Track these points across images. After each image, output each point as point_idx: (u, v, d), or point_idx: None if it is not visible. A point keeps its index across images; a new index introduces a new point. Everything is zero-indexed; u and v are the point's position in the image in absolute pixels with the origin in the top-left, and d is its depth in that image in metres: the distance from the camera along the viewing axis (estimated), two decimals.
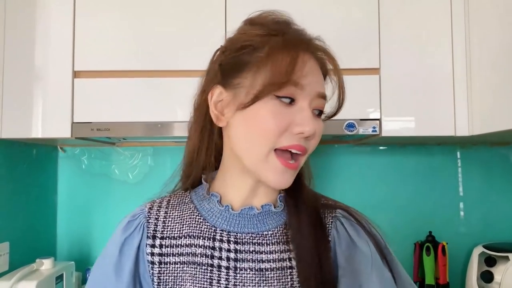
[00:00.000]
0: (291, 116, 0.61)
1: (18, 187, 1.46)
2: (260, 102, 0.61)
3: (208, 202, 0.70)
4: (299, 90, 0.61)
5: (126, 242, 0.69)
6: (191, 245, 0.66)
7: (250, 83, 0.62)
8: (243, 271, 0.64)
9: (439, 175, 1.68)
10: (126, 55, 1.32)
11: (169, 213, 0.71)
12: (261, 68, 0.62)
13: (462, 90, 1.30)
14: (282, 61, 0.60)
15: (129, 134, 1.30)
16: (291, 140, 0.61)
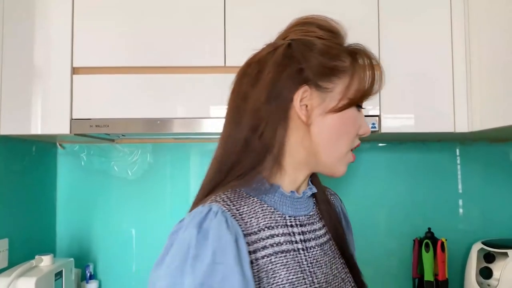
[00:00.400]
0: (359, 121, 0.73)
1: (17, 184, 1.46)
2: (347, 110, 0.70)
3: (270, 193, 0.71)
4: None
5: (238, 239, 0.64)
6: (273, 236, 0.67)
7: (341, 91, 0.70)
8: (311, 249, 0.71)
9: (438, 172, 1.68)
10: (125, 51, 1.31)
11: (240, 210, 0.68)
12: (353, 79, 0.71)
13: (462, 86, 1.30)
14: (368, 75, 0.72)
15: (128, 130, 1.29)
16: (357, 140, 0.74)
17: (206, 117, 1.30)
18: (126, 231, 1.68)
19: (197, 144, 1.70)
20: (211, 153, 1.84)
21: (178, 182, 1.69)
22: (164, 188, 1.69)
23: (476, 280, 1.44)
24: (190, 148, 1.70)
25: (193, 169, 1.70)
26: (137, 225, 1.68)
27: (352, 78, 0.70)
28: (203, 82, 1.30)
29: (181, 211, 1.74)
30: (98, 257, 1.67)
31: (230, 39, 1.31)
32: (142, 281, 1.66)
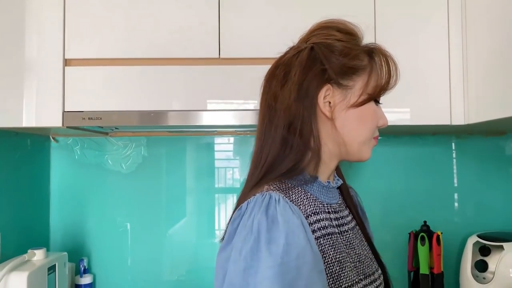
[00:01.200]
0: (378, 114, 0.82)
1: (10, 177, 1.44)
2: (367, 104, 0.79)
3: (309, 183, 0.78)
4: None
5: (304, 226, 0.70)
6: (319, 221, 0.75)
7: (361, 87, 0.78)
8: (345, 233, 0.80)
9: (434, 165, 1.67)
10: (119, 42, 1.29)
11: (291, 198, 0.74)
12: (371, 76, 0.79)
13: (458, 78, 1.29)
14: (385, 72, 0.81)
15: (121, 123, 1.28)
16: (377, 131, 0.83)
17: (201, 110, 1.28)
18: (120, 225, 1.67)
19: (192, 137, 1.68)
20: (206, 146, 1.84)
21: (173, 175, 1.68)
22: (159, 181, 1.68)
23: (472, 273, 1.44)
24: (185, 141, 1.68)
25: (188, 162, 1.69)
26: (132, 219, 1.67)
27: (370, 75, 0.79)
28: (198, 74, 1.29)
29: (176, 205, 1.75)
30: (93, 251, 1.66)
31: (225, 31, 1.29)
32: (137, 275, 1.65)
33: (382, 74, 0.80)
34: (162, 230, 1.67)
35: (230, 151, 1.71)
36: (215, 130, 1.61)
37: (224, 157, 1.71)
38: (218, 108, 1.29)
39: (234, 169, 1.71)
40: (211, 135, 1.69)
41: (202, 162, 1.69)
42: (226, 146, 1.70)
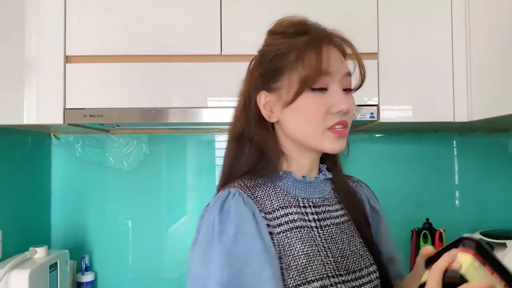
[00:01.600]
0: (328, 101, 0.76)
1: (11, 175, 1.44)
2: (300, 97, 0.76)
3: (284, 180, 0.81)
4: (328, 77, 0.76)
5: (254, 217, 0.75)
6: (287, 214, 0.77)
7: (288, 84, 0.77)
8: (327, 227, 0.80)
9: (436, 162, 1.67)
10: (120, 39, 1.28)
11: (255, 194, 0.78)
12: (294, 69, 0.76)
13: (462, 75, 1.28)
14: (310, 59, 0.75)
15: (122, 120, 1.27)
16: (335, 118, 0.76)
17: (202, 107, 1.28)
18: (122, 222, 1.67)
19: (193, 134, 1.68)
20: (207, 144, 1.83)
21: (174, 173, 1.67)
22: (160, 179, 1.67)
23: None
24: (186, 138, 1.68)
25: (189, 160, 1.68)
26: (133, 217, 1.67)
27: (295, 69, 0.76)
28: (199, 71, 1.28)
29: (178, 202, 1.75)
30: (94, 248, 1.66)
31: (227, 28, 1.28)
32: (138, 272, 1.65)
33: (311, 61, 0.74)
34: (163, 227, 1.67)
35: None
36: (216, 127, 1.61)
37: None
38: (218, 105, 1.28)
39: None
40: (212, 133, 1.68)
41: (203, 159, 1.69)
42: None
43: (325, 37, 0.77)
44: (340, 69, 0.77)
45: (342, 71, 0.77)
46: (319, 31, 0.79)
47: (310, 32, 0.78)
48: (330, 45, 0.78)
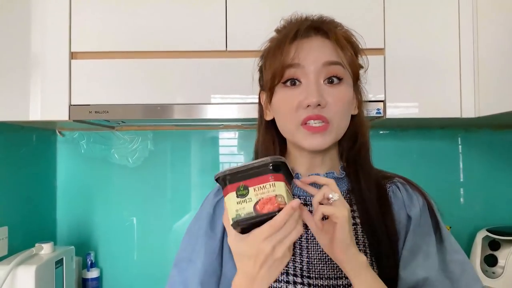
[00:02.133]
0: (300, 95, 0.73)
1: (16, 172, 1.44)
2: (275, 94, 0.77)
3: None
4: (299, 70, 0.74)
5: (218, 204, 0.83)
6: None
7: (265, 81, 0.78)
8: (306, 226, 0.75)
9: (441, 159, 1.66)
10: (125, 35, 1.28)
11: None
12: (266, 66, 0.78)
13: (469, 70, 1.27)
14: (275, 53, 0.75)
15: (127, 116, 1.27)
16: (306, 112, 0.73)
17: (207, 103, 1.27)
18: (127, 219, 1.67)
19: (198, 131, 1.67)
20: (212, 141, 1.83)
21: (179, 169, 1.67)
22: (165, 175, 1.67)
23: (481, 268, 1.43)
24: (191, 135, 1.67)
25: (194, 156, 1.68)
26: (138, 213, 1.67)
27: (265, 67, 0.79)
28: (205, 67, 1.27)
29: (182, 199, 1.74)
30: (99, 245, 1.66)
31: (232, 23, 1.27)
32: (143, 268, 1.65)
33: (275, 57, 0.75)
34: (168, 224, 1.67)
35: (235, 146, 1.70)
36: (221, 124, 1.60)
37: (229, 151, 1.70)
38: (223, 102, 1.27)
39: (238, 164, 1.69)
40: (217, 129, 1.68)
41: (208, 156, 1.68)
42: (231, 141, 1.69)
43: (299, 30, 0.75)
44: (317, 59, 0.73)
45: (320, 60, 0.73)
46: (294, 24, 0.77)
47: (286, 27, 0.79)
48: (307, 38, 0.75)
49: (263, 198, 0.60)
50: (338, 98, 0.74)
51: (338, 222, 0.63)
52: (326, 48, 0.75)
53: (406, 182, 0.84)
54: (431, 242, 0.76)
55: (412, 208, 0.79)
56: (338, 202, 0.64)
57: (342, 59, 0.75)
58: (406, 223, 0.78)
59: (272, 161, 0.61)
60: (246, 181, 0.61)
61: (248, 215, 0.60)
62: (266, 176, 0.61)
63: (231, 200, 0.61)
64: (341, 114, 0.75)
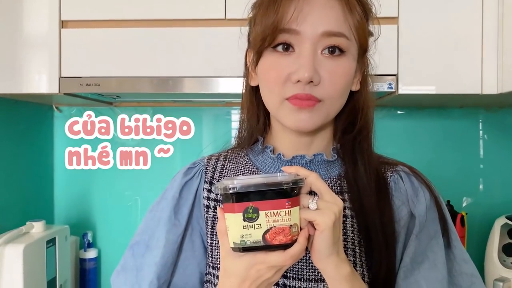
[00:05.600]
0: (291, 65, 0.62)
1: (11, 148, 1.39)
2: (262, 58, 0.65)
3: (262, 154, 0.73)
4: (294, 35, 0.62)
5: (186, 186, 0.75)
6: None
7: (253, 40, 0.66)
8: None
9: (460, 141, 1.55)
10: (119, 2, 1.20)
11: (225, 165, 0.75)
12: (256, 21, 0.65)
13: (492, 41, 1.14)
14: (268, 8, 0.62)
15: (120, 90, 1.20)
16: (294, 89, 0.62)
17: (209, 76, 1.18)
18: (129, 199, 1.62)
19: (199, 108, 1.60)
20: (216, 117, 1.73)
21: (187, 148, 1.59)
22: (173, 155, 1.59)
23: (498, 257, 1.34)
24: (192, 111, 1.59)
25: (204, 133, 1.60)
26: (142, 193, 1.61)
27: (255, 23, 0.66)
28: (203, 37, 1.18)
29: None
30: (99, 225, 1.61)
31: None
32: None
33: (268, 14, 0.62)
34: None
35: None
36: (222, 100, 1.52)
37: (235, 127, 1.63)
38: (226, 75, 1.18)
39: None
40: (225, 107, 1.59)
41: (211, 133, 1.61)
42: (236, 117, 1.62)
43: None
44: (317, 25, 0.61)
45: (319, 28, 0.61)
46: None
47: None
48: None
49: (276, 227, 0.50)
50: (337, 74, 0.63)
51: (319, 230, 0.52)
52: (330, 11, 0.62)
53: (411, 171, 0.71)
54: (438, 248, 0.66)
55: (417, 205, 0.67)
56: (325, 205, 0.53)
57: (349, 27, 0.63)
58: (408, 222, 0.67)
59: (292, 183, 0.51)
60: (256, 203, 0.50)
61: (255, 243, 0.51)
62: (282, 201, 0.51)
63: (236, 222, 0.51)
64: (338, 93, 0.64)
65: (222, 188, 0.51)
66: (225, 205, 0.52)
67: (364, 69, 0.71)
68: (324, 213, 0.52)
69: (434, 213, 0.67)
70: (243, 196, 0.50)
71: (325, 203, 0.53)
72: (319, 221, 0.52)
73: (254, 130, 0.75)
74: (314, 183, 0.54)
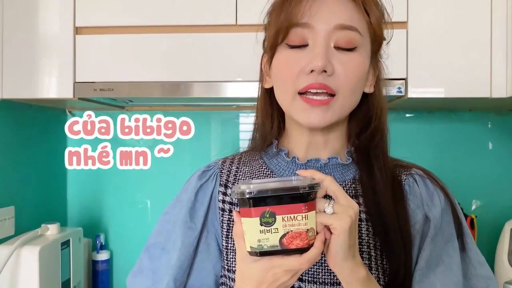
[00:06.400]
0: (305, 58, 0.63)
1: (26, 151, 1.42)
2: (276, 54, 0.66)
3: (277, 157, 0.74)
4: (306, 29, 0.63)
5: (201, 189, 0.75)
6: None
7: (267, 39, 0.69)
8: None
9: (469, 144, 1.55)
10: (132, 9, 1.22)
11: (240, 168, 0.75)
12: (270, 23, 0.68)
13: (501, 45, 1.15)
14: (282, 5, 0.64)
15: (133, 94, 1.22)
16: (307, 80, 0.63)
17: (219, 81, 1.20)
18: (140, 201, 1.64)
19: (210, 112, 1.61)
20: (226, 122, 1.75)
21: (197, 151, 1.61)
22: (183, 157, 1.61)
23: (508, 261, 1.34)
24: (210, 116, 1.61)
25: (213, 137, 1.62)
26: (152, 196, 1.63)
27: (270, 23, 0.69)
28: (215, 44, 1.20)
29: None
30: (110, 227, 1.64)
31: None
32: None
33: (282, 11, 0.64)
34: None
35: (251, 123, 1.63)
36: (233, 104, 1.54)
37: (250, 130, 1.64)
38: (237, 79, 1.20)
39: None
40: (230, 110, 1.61)
41: (222, 137, 1.63)
42: (248, 119, 1.63)
43: None
44: (330, 18, 0.62)
45: (332, 22, 0.62)
46: None
47: None
48: None
49: (292, 231, 0.51)
50: (350, 66, 0.63)
51: (335, 234, 0.53)
52: (343, 7, 0.63)
53: (425, 174, 0.71)
54: (453, 251, 0.66)
55: (432, 208, 0.67)
56: (341, 209, 0.53)
57: (363, 23, 0.64)
58: (423, 225, 0.67)
59: (309, 187, 0.51)
60: (273, 207, 0.51)
61: (272, 247, 0.51)
62: (299, 206, 0.51)
63: (253, 226, 0.51)
64: (351, 87, 0.64)
65: (239, 192, 0.51)
66: (241, 210, 0.53)
67: (378, 72, 0.72)
68: (341, 217, 0.52)
69: (449, 216, 0.68)
70: (260, 200, 0.51)
71: (341, 207, 0.53)
72: (335, 225, 0.52)
73: (268, 132, 0.75)
74: (329, 186, 0.55)
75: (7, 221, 1.28)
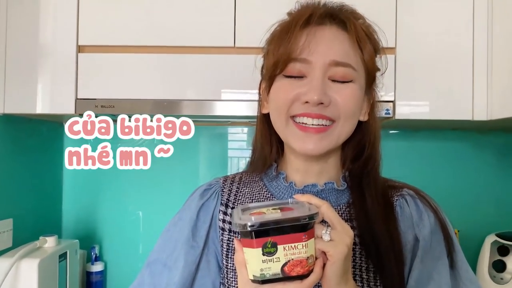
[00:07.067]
0: (301, 88, 0.66)
1: (23, 164, 1.44)
2: (274, 83, 0.69)
3: (276, 180, 0.75)
4: (305, 64, 0.66)
5: (203, 208, 0.76)
6: None
7: (266, 68, 0.71)
8: None
9: (452, 161, 1.62)
10: (133, 29, 1.27)
11: (240, 189, 0.77)
12: (269, 53, 0.70)
13: (482, 72, 1.23)
14: (281, 38, 0.67)
15: (134, 111, 1.26)
16: (302, 109, 0.66)
17: (215, 100, 1.26)
18: (133, 213, 1.67)
19: (206, 127, 1.66)
20: (220, 136, 1.81)
21: (186, 165, 1.66)
22: (173, 170, 1.65)
23: (489, 273, 1.40)
24: (199, 131, 1.66)
25: (201, 152, 1.67)
26: (144, 208, 1.67)
27: (268, 54, 0.71)
28: (213, 63, 1.26)
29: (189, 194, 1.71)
30: (104, 238, 1.66)
31: (240, 19, 1.25)
32: None
33: (280, 45, 0.66)
34: None
35: (243, 140, 1.69)
36: (229, 120, 1.59)
37: (237, 146, 1.69)
38: (232, 98, 1.26)
39: (247, 159, 1.69)
40: (225, 126, 1.66)
41: (215, 152, 1.67)
42: (240, 135, 1.69)
43: (313, 14, 0.66)
44: (326, 53, 0.65)
45: (328, 58, 0.65)
46: (309, 8, 0.68)
47: (300, 10, 0.70)
48: (321, 26, 0.66)
49: (293, 259, 0.52)
50: (346, 94, 0.66)
51: (331, 261, 0.54)
52: (339, 42, 0.66)
53: (416, 194, 0.74)
54: (443, 269, 0.67)
55: (422, 229, 0.69)
56: (338, 237, 0.55)
57: (357, 58, 0.66)
58: (413, 245, 0.69)
59: (309, 217, 0.53)
60: (275, 238, 0.52)
61: (274, 276, 0.53)
62: (299, 235, 0.52)
63: (255, 257, 0.53)
64: (349, 113, 0.66)
65: (241, 225, 0.52)
66: (243, 240, 0.54)
67: (372, 101, 0.74)
68: (337, 245, 0.54)
69: (439, 235, 0.69)
70: (262, 232, 0.52)
71: (338, 234, 0.55)
72: (332, 253, 0.54)
73: (267, 156, 0.76)
74: (326, 213, 0.57)
75: (5, 234, 1.30)
